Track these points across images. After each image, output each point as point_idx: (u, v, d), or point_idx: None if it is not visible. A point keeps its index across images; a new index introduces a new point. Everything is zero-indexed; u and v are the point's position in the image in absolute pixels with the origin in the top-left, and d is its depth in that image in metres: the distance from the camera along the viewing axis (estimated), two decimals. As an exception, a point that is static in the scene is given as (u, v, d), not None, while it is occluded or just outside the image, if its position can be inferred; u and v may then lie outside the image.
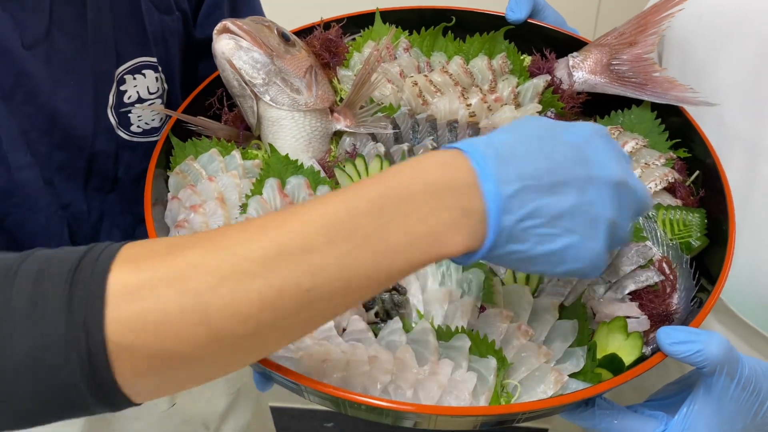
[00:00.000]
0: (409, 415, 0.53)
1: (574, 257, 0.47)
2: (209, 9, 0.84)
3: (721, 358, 0.52)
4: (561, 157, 0.47)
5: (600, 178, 0.47)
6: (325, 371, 0.57)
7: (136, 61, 0.74)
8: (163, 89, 0.78)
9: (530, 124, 0.49)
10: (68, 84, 0.70)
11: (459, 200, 0.44)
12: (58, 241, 0.76)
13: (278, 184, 0.71)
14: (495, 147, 0.46)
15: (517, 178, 0.45)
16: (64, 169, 0.73)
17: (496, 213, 0.44)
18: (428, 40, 0.85)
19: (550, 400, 0.53)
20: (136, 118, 0.76)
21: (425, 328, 0.60)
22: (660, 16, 0.78)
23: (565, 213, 0.46)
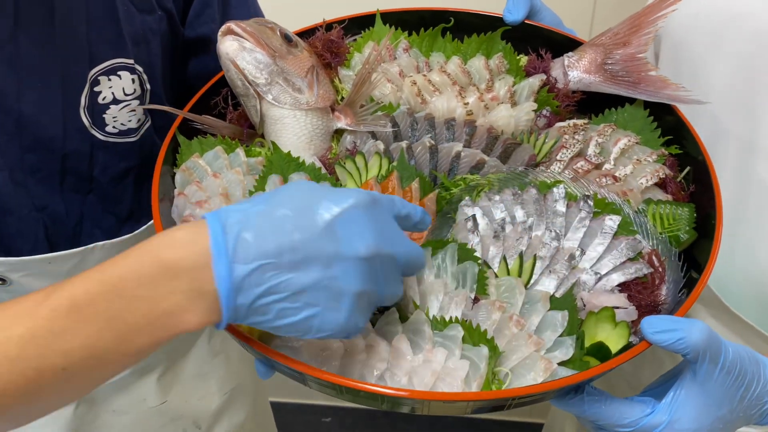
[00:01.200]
0: (404, 401, 0.56)
1: (318, 328, 0.50)
2: (200, 8, 0.84)
3: (702, 344, 0.54)
4: (308, 234, 0.48)
5: (346, 254, 0.48)
6: (324, 359, 0.59)
7: (111, 62, 0.74)
8: (142, 90, 0.78)
9: (291, 195, 0.50)
10: (35, 87, 0.70)
11: (192, 283, 0.47)
12: (33, 242, 0.77)
13: (281, 180, 0.73)
14: (243, 222, 0.47)
15: (255, 257, 0.47)
16: (38, 171, 0.74)
17: (227, 294, 0.47)
18: (427, 40, 0.87)
19: (539, 386, 0.55)
20: (111, 119, 0.76)
21: (420, 318, 0.62)
22: (653, 17, 0.80)
23: (306, 288, 0.48)
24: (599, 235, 0.68)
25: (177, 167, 0.76)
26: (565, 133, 0.77)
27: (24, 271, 0.76)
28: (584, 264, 0.67)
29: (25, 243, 0.76)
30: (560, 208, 0.70)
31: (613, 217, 0.68)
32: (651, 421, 0.59)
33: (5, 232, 0.75)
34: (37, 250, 0.78)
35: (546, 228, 0.69)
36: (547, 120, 0.81)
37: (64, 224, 0.78)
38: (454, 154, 0.75)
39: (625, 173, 0.74)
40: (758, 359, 0.59)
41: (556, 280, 0.66)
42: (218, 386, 1.06)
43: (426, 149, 0.76)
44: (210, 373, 1.04)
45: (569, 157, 0.76)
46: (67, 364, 0.47)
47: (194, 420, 1.04)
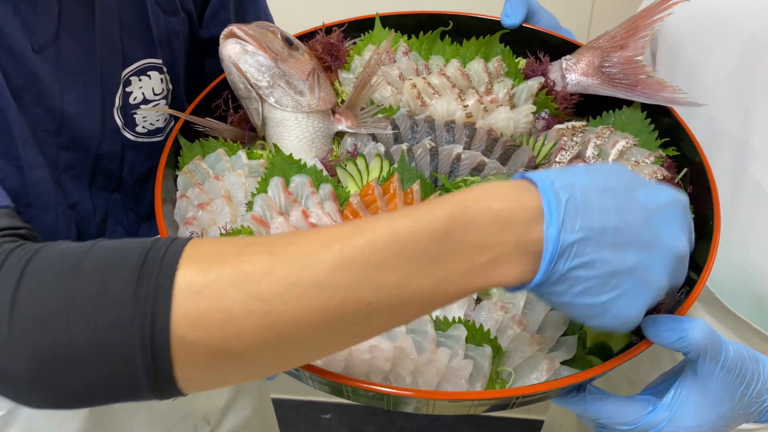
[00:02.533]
0: (409, 400, 0.56)
1: (614, 315, 0.49)
2: (215, 9, 0.85)
3: (703, 342, 0.55)
4: (632, 218, 0.47)
5: (666, 248, 0.49)
6: (329, 360, 0.59)
7: (141, 62, 0.76)
8: (167, 90, 0.80)
9: (611, 175, 0.49)
10: (76, 87, 0.72)
11: (521, 237, 0.45)
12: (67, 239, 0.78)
13: (282, 182, 0.73)
14: (570, 190, 0.46)
15: (581, 228, 0.46)
16: (71, 170, 0.75)
17: (551, 257, 0.46)
18: (426, 43, 0.88)
19: (542, 385, 0.55)
20: (141, 119, 0.78)
21: (423, 319, 0.62)
22: (650, 20, 0.81)
23: (620, 272, 0.47)
24: (599, 236, 0.69)
25: (179, 170, 0.76)
26: (564, 135, 0.78)
27: None
28: (585, 264, 0.68)
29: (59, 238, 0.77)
30: (560, 210, 0.71)
31: (613, 218, 0.69)
32: (652, 419, 0.60)
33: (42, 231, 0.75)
34: None
35: (546, 229, 0.70)
36: (545, 122, 0.82)
37: (91, 222, 0.79)
38: (454, 156, 0.76)
39: (624, 175, 0.75)
40: (758, 357, 0.60)
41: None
42: None
43: (426, 151, 0.77)
44: None
45: (568, 159, 0.76)
46: (373, 299, 0.44)
47: (204, 416, 1.06)
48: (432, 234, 0.45)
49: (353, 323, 0.45)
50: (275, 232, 0.70)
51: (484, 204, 0.46)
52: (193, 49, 0.84)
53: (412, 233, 0.45)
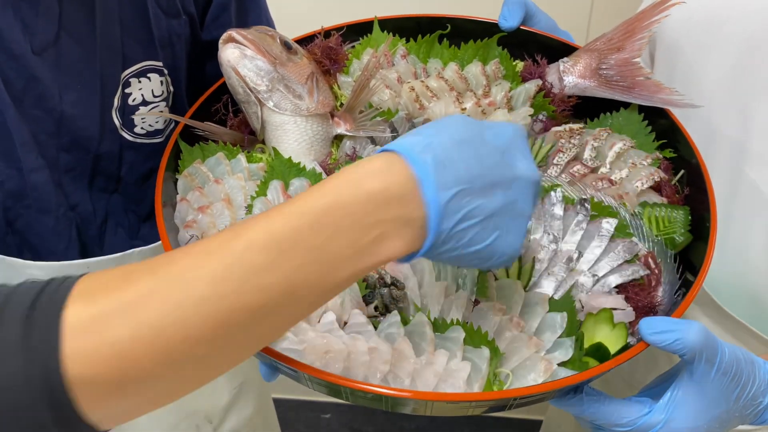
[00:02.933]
0: (407, 401, 0.57)
1: (501, 253, 0.51)
2: (216, 11, 0.86)
3: (699, 344, 0.55)
4: (490, 160, 0.50)
5: (522, 178, 0.51)
6: (328, 362, 0.60)
7: (142, 64, 0.76)
8: (168, 92, 0.80)
9: (459, 126, 0.51)
10: (75, 88, 0.72)
11: (401, 210, 0.46)
12: (67, 242, 0.79)
13: (282, 185, 0.74)
14: (433, 151, 0.48)
15: (454, 183, 0.47)
16: (71, 171, 0.76)
17: (436, 219, 0.47)
18: (424, 47, 0.89)
19: (539, 386, 0.56)
20: (140, 120, 0.78)
21: (422, 321, 0.63)
22: (646, 23, 0.81)
23: (495, 212, 0.49)
24: (596, 238, 0.69)
25: (179, 173, 0.77)
26: (562, 138, 0.78)
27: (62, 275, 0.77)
28: (582, 266, 0.68)
29: (60, 242, 0.78)
30: (558, 212, 0.71)
31: (610, 220, 0.70)
32: (648, 420, 0.60)
33: (42, 232, 0.76)
34: (69, 249, 0.79)
35: (544, 231, 0.70)
36: (543, 124, 0.82)
37: (92, 223, 0.80)
38: (452, 159, 0.77)
39: (621, 177, 0.76)
40: (753, 360, 0.60)
41: (554, 282, 0.67)
42: (227, 381, 1.08)
43: (425, 154, 0.77)
44: None
45: (566, 161, 0.77)
46: (265, 300, 0.44)
47: (206, 415, 1.07)
48: (309, 227, 0.45)
49: (248, 329, 0.45)
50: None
51: (356, 186, 0.46)
52: (195, 51, 0.85)
53: (289, 230, 0.45)
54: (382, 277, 0.67)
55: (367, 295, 0.67)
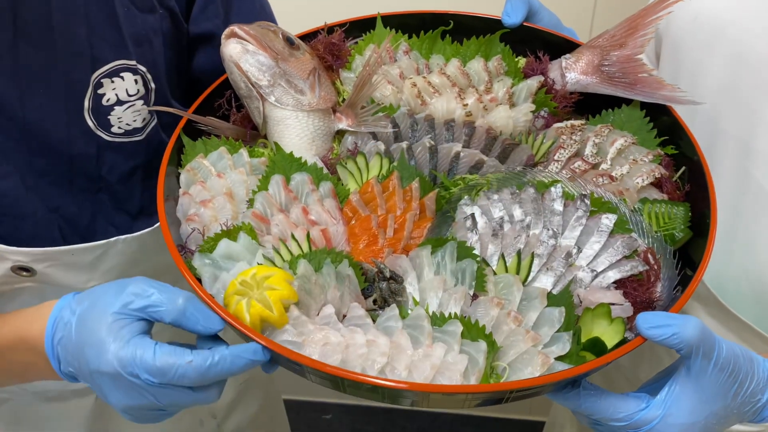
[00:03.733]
0: (404, 393, 0.57)
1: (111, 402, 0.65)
2: (203, 4, 0.85)
3: (696, 339, 0.55)
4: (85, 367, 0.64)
5: None
6: (326, 353, 0.60)
7: (113, 64, 0.75)
8: (147, 89, 0.79)
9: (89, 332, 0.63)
10: (37, 93, 0.71)
11: None
12: (51, 242, 0.79)
13: (283, 180, 0.74)
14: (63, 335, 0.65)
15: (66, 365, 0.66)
16: (47, 175, 0.75)
17: None
18: (427, 43, 0.89)
19: (535, 379, 0.56)
20: (116, 120, 0.77)
21: (420, 314, 0.63)
22: (649, 19, 0.81)
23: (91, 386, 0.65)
24: (596, 234, 0.69)
25: (182, 168, 0.78)
26: (563, 134, 0.79)
27: (48, 261, 0.78)
28: (581, 261, 0.68)
29: (43, 243, 0.78)
30: (558, 207, 0.71)
31: (610, 216, 0.70)
32: (645, 415, 0.60)
33: (22, 236, 0.76)
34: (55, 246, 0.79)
35: (543, 226, 0.71)
36: (545, 121, 0.82)
37: (77, 223, 0.80)
38: (453, 155, 0.77)
39: (622, 173, 0.76)
40: (752, 357, 0.60)
41: (553, 277, 0.67)
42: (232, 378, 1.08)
43: (426, 149, 0.78)
44: None
45: (567, 157, 0.77)
46: None
47: (210, 411, 1.07)
48: None
49: None
50: (275, 229, 0.71)
51: None
52: (179, 45, 0.83)
53: None
54: (381, 271, 0.67)
55: (366, 288, 0.67)
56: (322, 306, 0.66)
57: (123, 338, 0.60)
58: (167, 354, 0.59)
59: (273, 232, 0.71)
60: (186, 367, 0.58)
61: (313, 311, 0.66)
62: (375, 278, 0.67)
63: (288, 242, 0.69)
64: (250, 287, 0.63)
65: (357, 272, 0.67)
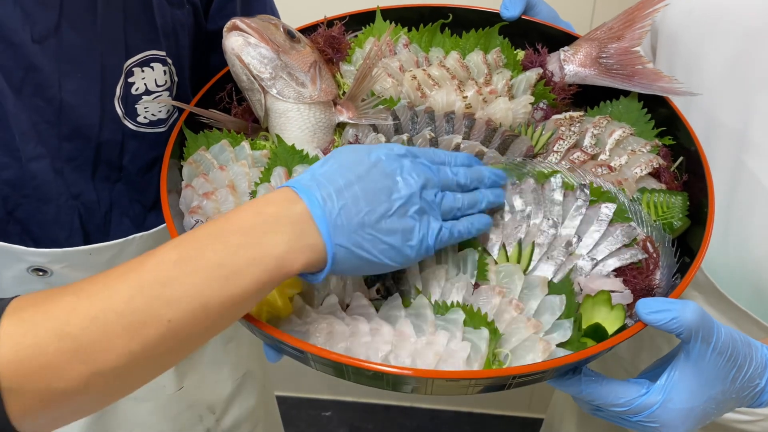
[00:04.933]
0: (408, 380, 0.58)
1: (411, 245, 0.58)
2: (222, 2, 0.87)
3: (695, 323, 0.56)
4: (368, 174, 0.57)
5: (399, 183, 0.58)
6: (331, 342, 0.61)
7: (145, 54, 0.77)
8: (171, 82, 0.81)
9: (342, 154, 0.59)
10: (76, 77, 0.72)
11: (295, 229, 0.53)
12: (69, 231, 0.80)
13: (285, 172, 0.75)
14: (316, 178, 0.56)
15: (337, 198, 0.55)
16: (74, 160, 0.76)
17: (327, 232, 0.54)
18: (426, 36, 0.89)
19: (538, 365, 0.57)
20: (143, 109, 0.78)
21: (423, 303, 0.64)
22: (646, 12, 0.82)
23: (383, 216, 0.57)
24: (595, 223, 0.70)
25: (184, 160, 0.78)
26: (562, 125, 0.79)
27: (65, 262, 0.78)
28: (581, 250, 0.69)
29: (62, 231, 0.78)
30: (557, 197, 0.72)
31: (609, 205, 0.70)
32: (645, 401, 0.61)
33: (43, 221, 0.76)
34: (72, 237, 0.80)
35: (544, 216, 0.71)
36: (543, 113, 0.83)
37: (96, 212, 0.80)
38: (453, 146, 0.77)
39: (620, 163, 0.76)
40: (750, 342, 0.61)
41: (553, 266, 0.68)
42: (230, 372, 1.09)
43: (426, 141, 0.78)
44: (223, 360, 1.07)
45: (566, 148, 0.78)
46: (173, 314, 0.49)
47: (209, 406, 1.07)
48: (212, 245, 0.51)
49: (161, 342, 0.49)
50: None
51: (255, 211, 0.54)
52: (198, 41, 0.85)
53: (195, 248, 0.51)
54: (383, 261, 0.68)
55: (369, 278, 0.68)
56: (326, 296, 0.66)
57: None
58: None
59: (276, 223, 0.71)
60: None
61: (316, 301, 0.66)
62: (378, 268, 0.68)
63: (291, 233, 0.70)
64: (254, 277, 0.63)
65: (360, 262, 0.68)
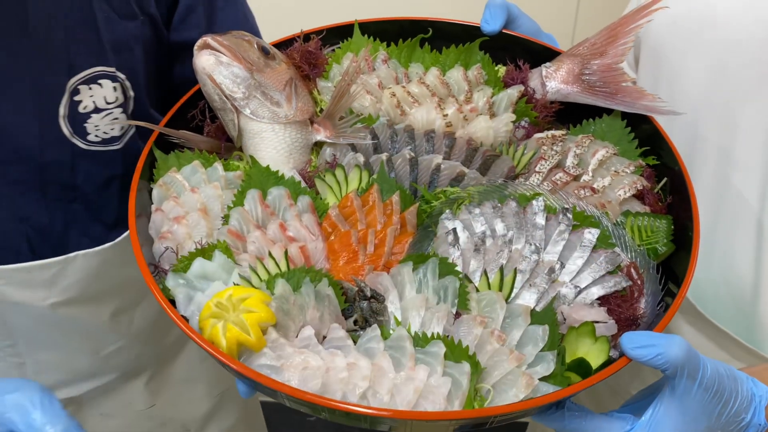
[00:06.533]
0: (386, 420, 0.56)
1: None
2: (184, 13, 0.83)
3: (681, 359, 0.55)
4: None
5: None
6: (306, 378, 0.59)
7: (91, 71, 0.74)
8: (126, 97, 0.78)
9: None
10: (9, 98, 0.69)
11: None
12: (17, 253, 0.77)
13: (259, 195, 0.72)
14: None
15: None
16: (21, 184, 0.73)
17: None
18: (406, 51, 0.87)
19: (520, 404, 0.55)
20: (93, 128, 0.76)
21: (402, 335, 0.62)
22: (629, 27, 0.81)
23: None
24: (578, 248, 0.68)
25: (154, 182, 0.75)
26: (544, 145, 0.78)
27: (2, 279, 0.76)
28: (564, 277, 0.68)
29: (8, 254, 0.76)
30: (540, 221, 0.70)
31: (592, 230, 0.69)
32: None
33: None
34: (19, 260, 0.77)
35: (526, 241, 0.70)
36: (525, 131, 0.81)
37: (49, 233, 0.78)
38: (434, 167, 0.75)
39: (603, 185, 0.75)
40: (736, 375, 0.60)
41: (536, 293, 0.66)
42: (207, 390, 1.06)
43: (406, 161, 0.76)
44: (198, 378, 1.05)
45: (548, 169, 0.76)
46: None
47: (183, 424, 1.05)
48: None
49: None
50: (252, 246, 0.69)
51: None
52: (159, 53, 0.82)
53: None
54: (361, 290, 0.66)
55: (347, 309, 0.65)
56: (301, 327, 0.64)
57: None
58: None
59: (249, 249, 0.69)
60: None
61: (291, 333, 0.64)
62: (356, 297, 0.66)
63: (265, 260, 0.67)
64: (226, 309, 0.61)
65: (337, 291, 0.66)
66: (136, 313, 0.92)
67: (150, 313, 0.94)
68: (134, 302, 0.91)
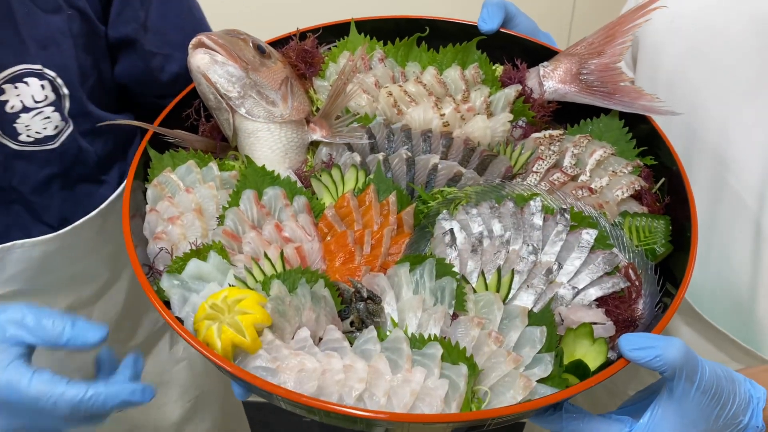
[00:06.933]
0: (383, 423, 0.55)
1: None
2: (120, 7, 0.80)
3: (679, 361, 0.54)
4: None
5: None
6: (301, 380, 0.58)
7: (13, 69, 0.71)
8: (58, 95, 0.75)
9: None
10: None
11: None
12: None
13: (255, 195, 0.72)
14: None
15: None
16: None
17: None
18: (403, 50, 0.87)
19: (518, 406, 0.55)
20: (24, 128, 0.73)
21: (399, 337, 0.61)
22: (627, 27, 0.80)
23: None
24: (576, 249, 0.68)
25: (148, 182, 0.74)
26: (541, 144, 0.77)
27: None
28: (561, 278, 0.67)
29: None
30: (537, 222, 0.70)
31: (590, 231, 0.68)
32: None
33: None
34: None
35: (523, 242, 0.69)
36: (523, 131, 0.81)
37: None
38: (431, 167, 0.75)
39: (601, 185, 0.74)
40: (734, 378, 0.59)
41: (534, 294, 0.66)
42: (180, 394, 1.04)
43: (403, 161, 0.75)
44: (171, 381, 1.02)
45: (545, 169, 0.75)
46: None
47: (155, 429, 1.03)
48: None
49: None
50: (247, 247, 0.68)
51: None
52: (95, 48, 0.78)
53: None
54: (358, 291, 0.65)
55: (343, 310, 0.65)
56: (297, 329, 0.63)
57: None
58: (42, 383, 0.58)
59: (245, 250, 0.68)
60: (58, 398, 0.58)
61: (287, 334, 0.63)
62: (352, 299, 0.65)
63: (261, 261, 0.67)
64: (221, 311, 0.60)
65: (333, 293, 0.65)
66: (95, 311, 0.90)
67: (111, 312, 0.92)
68: (91, 300, 0.89)
